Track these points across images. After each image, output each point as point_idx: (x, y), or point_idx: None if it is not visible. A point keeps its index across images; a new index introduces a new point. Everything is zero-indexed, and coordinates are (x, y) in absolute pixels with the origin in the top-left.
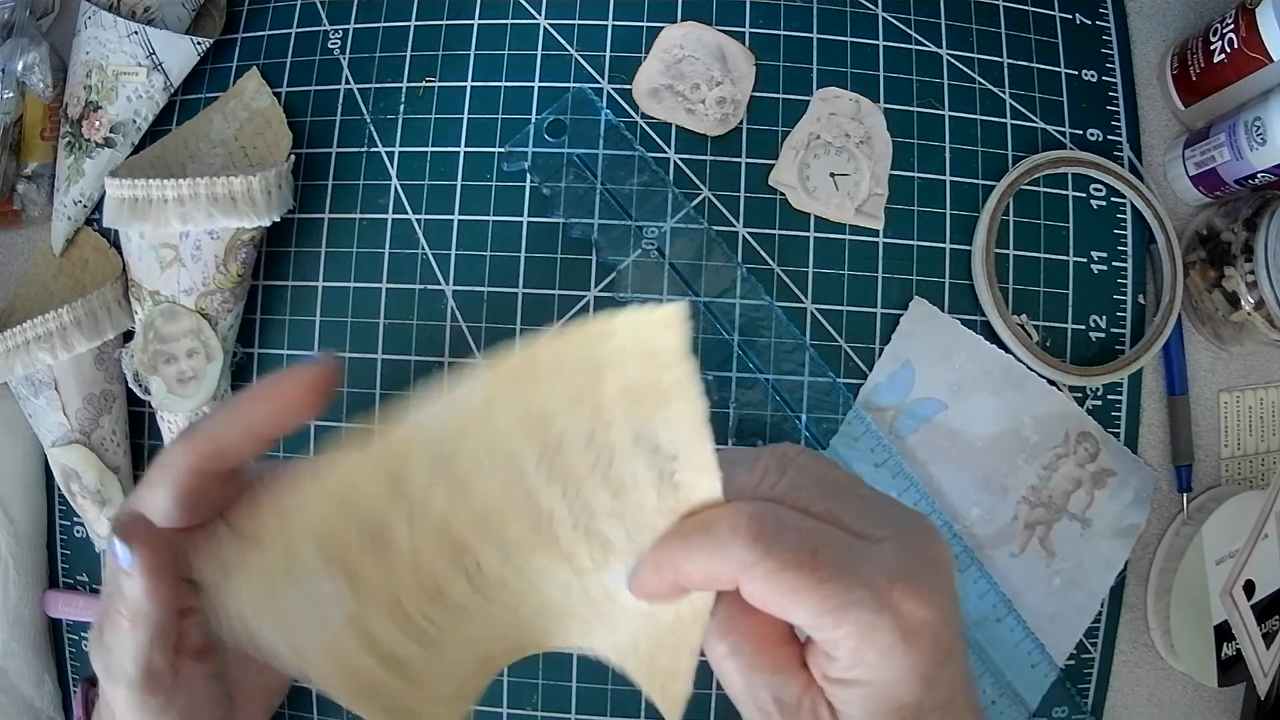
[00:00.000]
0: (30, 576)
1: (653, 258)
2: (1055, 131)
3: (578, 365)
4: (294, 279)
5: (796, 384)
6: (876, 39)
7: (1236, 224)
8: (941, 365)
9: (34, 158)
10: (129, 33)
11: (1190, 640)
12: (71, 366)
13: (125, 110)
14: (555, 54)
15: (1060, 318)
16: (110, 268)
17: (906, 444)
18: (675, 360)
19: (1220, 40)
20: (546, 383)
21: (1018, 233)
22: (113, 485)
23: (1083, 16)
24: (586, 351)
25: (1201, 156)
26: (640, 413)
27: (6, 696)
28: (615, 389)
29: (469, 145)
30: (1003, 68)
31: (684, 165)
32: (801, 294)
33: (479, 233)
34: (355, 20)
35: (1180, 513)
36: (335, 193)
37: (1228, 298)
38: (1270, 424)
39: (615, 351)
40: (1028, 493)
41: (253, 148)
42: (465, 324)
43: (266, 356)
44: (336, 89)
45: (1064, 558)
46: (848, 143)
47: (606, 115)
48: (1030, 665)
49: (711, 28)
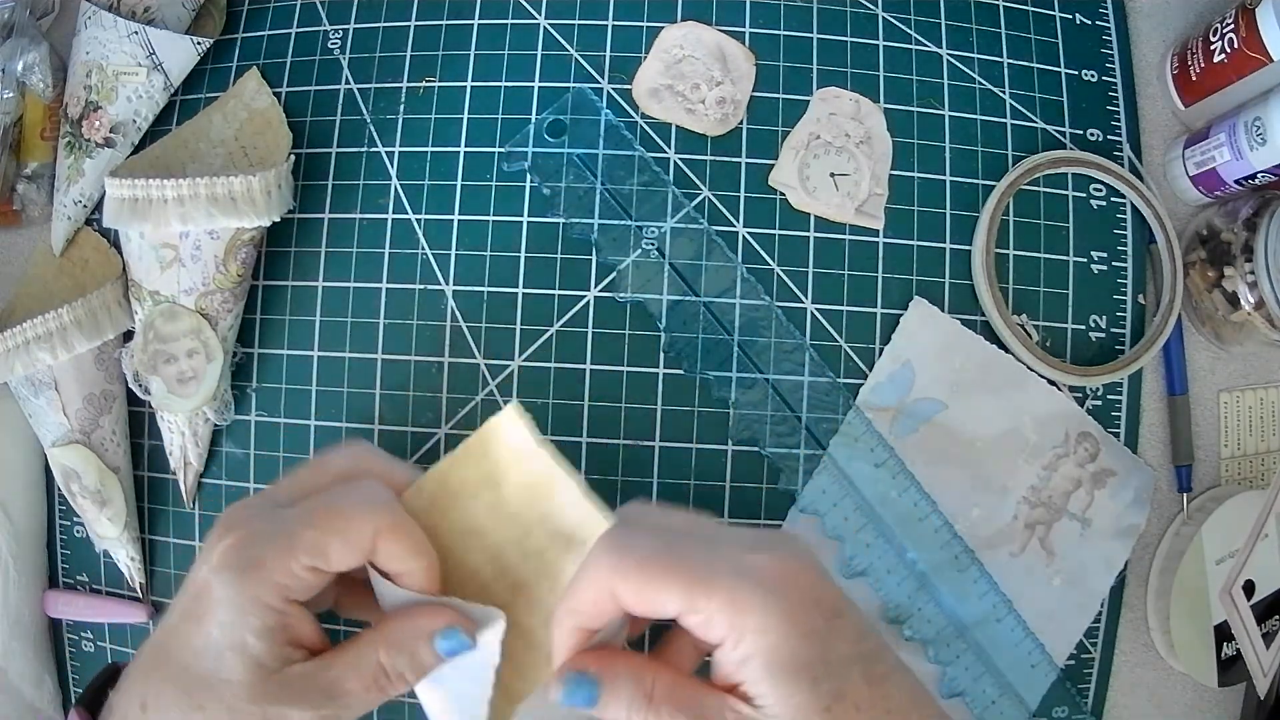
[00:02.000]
0: (30, 576)
1: (653, 258)
2: (1055, 131)
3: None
4: (294, 279)
5: (796, 384)
6: (876, 39)
7: (1236, 224)
8: (941, 365)
9: (34, 158)
10: (129, 33)
11: (1190, 640)
12: (71, 366)
13: (125, 110)
14: (555, 54)
15: (1060, 318)
16: (110, 268)
17: (906, 444)
18: (532, 452)
19: (1220, 40)
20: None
21: (1018, 233)
22: (113, 485)
23: (1083, 16)
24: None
25: (1201, 156)
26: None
27: (6, 696)
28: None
29: (469, 145)
30: (1003, 68)
31: (684, 165)
32: (801, 294)
33: (479, 233)
34: (355, 20)
35: (1180, 513)
36: (335, 193)
37: (1228, 298)
38: (1270, 424)
39: (495, 463)
40: (1028, 493)
41: (253, 148)
42: (465, 324)
43: (266, 356)
44: (336, 89)
45: (1064, 558)
46: (848, 143)
47: (606, 115)
48: (1030, 665)
49: (711, 28)
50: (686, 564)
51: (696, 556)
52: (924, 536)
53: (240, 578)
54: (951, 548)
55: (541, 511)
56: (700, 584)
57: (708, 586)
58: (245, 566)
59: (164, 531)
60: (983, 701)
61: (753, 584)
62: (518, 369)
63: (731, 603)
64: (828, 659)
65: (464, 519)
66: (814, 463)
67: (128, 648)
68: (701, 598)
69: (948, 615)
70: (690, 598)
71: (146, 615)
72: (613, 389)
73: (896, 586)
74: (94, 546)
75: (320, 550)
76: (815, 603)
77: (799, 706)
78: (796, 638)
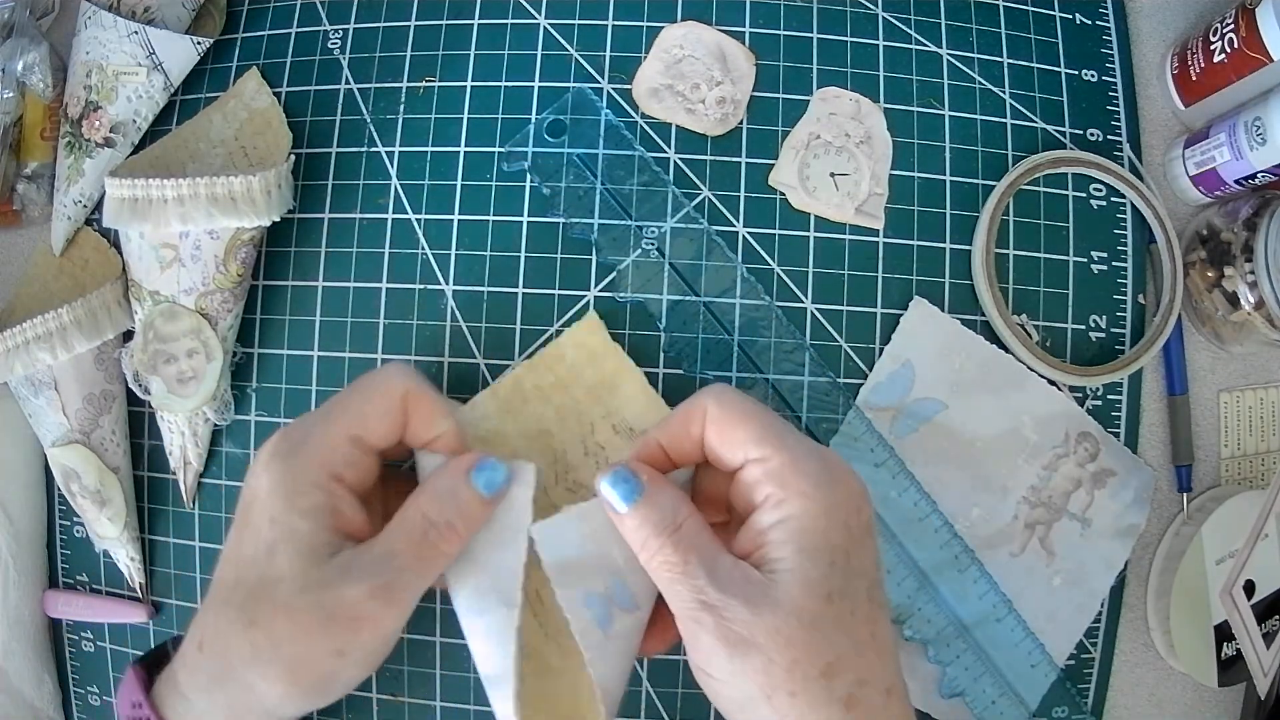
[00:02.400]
0: (30, 576)
1: (653, 258)
2: (1055, 131)
3: (552, 386)
4: (294, 279)
5: (796, 384)
6: (876, 39)
7: (1236, 224)
8: (941, 365)
9: (34, 158)
10: (129, 33)
11: (1190, 640)
12: (71, 366)
13: (125, 110)
14: (555, 54)
15: (1060, 318)
16: (110, 268)
17: (906, 444)
18: (608, 351)
19: (1220, 40)
20: (534, 404)
21: (1018, 233)
22: (113, 485)
23: (1083, 16)
24: (552, 375)
25: (1201, 156)
26: (606, 406)
27: (6, 696)
28: (581, 394)
29: (469, 145)
30: (1003, 67)
31: (684, 165)
32: (801, 294)
33: (479, 233)
34: (355, 20)
35: (1180, 513)
36: (335, 192)
37: (1228, 298)
38: (1270, 424)
39: (570, 367)
40: (1028, 493)
41: (253, 148)
42: (465, 324)
43: (266, 356)
44: (336, 89)
45: (1064, 558)
46: (848, 142)
47: (606, 115)
48: (1030, 665)
49: (711, 27)
50: (771, 421)
51: (780, 422)
52: (924, 536)
53: (284, 462)
54: (951, 548)
55: (608, 407)
56: (774, 437)
57: (780, 441)
58: (288, 452)
59: (164, 531)
60: (983, 701)
61: (818, 459)
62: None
63: (794, 463)
64: (849, 558)
65: (536, 421)
66: None
67: (128, 648)
68: (771, 446)
69: (948, 615)
70: (762, 443)
71: (146, 615)
72: None
73: (896, 586)
74: (94, 546)
75: (357, 414)
76: (857, 510)
77: (810, 581)
78: (833, 522)
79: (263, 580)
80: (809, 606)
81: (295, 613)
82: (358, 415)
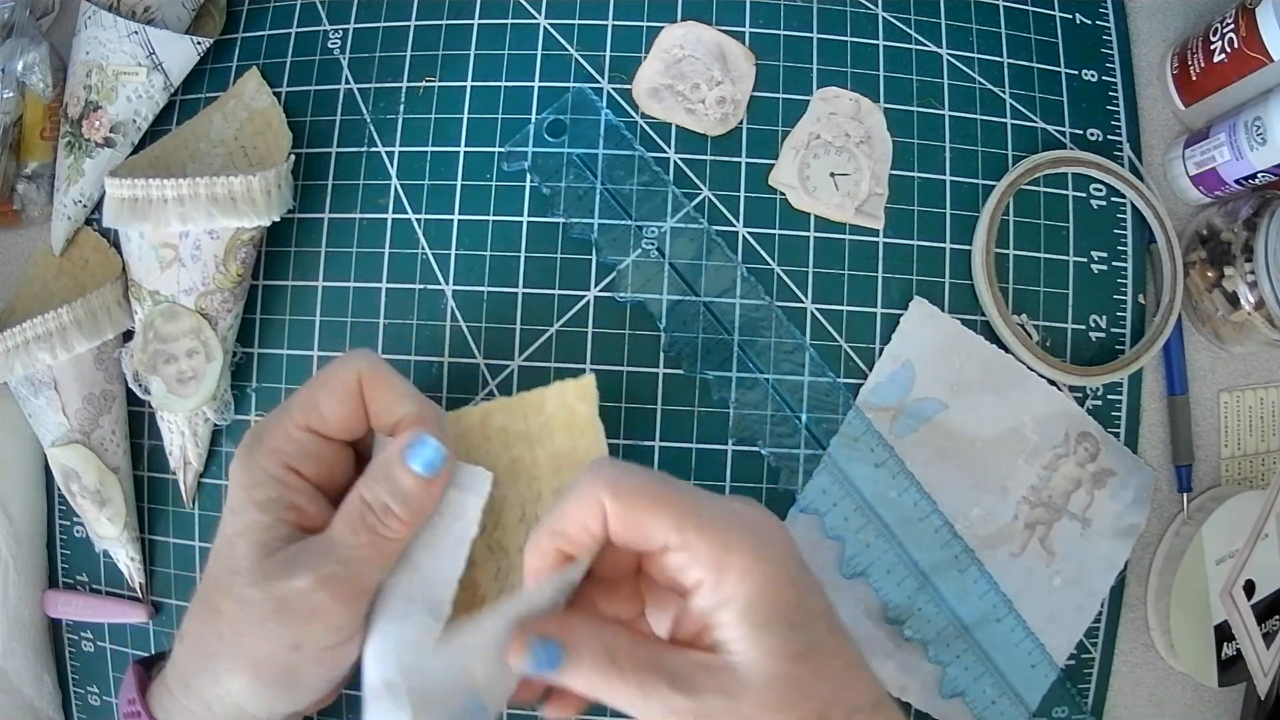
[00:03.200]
0: (30, 576)
1: (653, 258)
2: (1055, 131)
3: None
4: (294, 279)
5: (796, 384)
6: (876, 39)
7: (1236, 224)
8: (941, 365)
9: (34, 158)
10: (129, 33)
11: (1190, 640)
12: (71, 366)
13: (125, 110)
14: (555, 54)
15: (1060, 318)
16: (110, 268)
17: (906, 444)
18: (587, 427)
19: (1220, 40)
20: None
21: (1018, 233)
22: (112, 485)
23: (1083, 16)
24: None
25: (1201, 156)
26: (560, 481)
27: (6, 696)
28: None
29: (469, 145)
30: (1003, 67)
31: (684, 165)
32: (801, 294)
33: (479, 233)
34: (355, 20)
35: (1180, 513)
36: (335, 192)
37: (1228, 298)
38: (1270, 424)
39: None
40: (1028, 493)
41: (253, 148)
42: (465, 324)
43: (266, 356)
44: (336, 89)
45: (1064, 558)
46: (848, 142)
47: (606, 115)
48: (1030, 665)
49: (711, 27)
50: (679, 497)
51: (687, 494)
52: (924, 536)
53: (246, 455)
54: (951, 548)
55: (561, 483)
56: (693, 518)
57: (699, 522)
58: (250, 444)
59: (164, 531)
60: (983, 701)
61: (741, 526)
62: (518, 369)
63: (722, 542)
64: (803, 607)
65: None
66: (814, 463)
67: (128, 648)
68: (693, 531)
69: (948, 615)
70: (682, 530)
71: (146, 615)
72: (613, 389)
73: (896, 586)
74: (94, 546)
75: (309, 403)
76: (790, 555)
77: (775, 650)
78: (779, 583)
79: (225, 572)
80: (781, 672)
81: (249, 605)
82: (309, 404)
